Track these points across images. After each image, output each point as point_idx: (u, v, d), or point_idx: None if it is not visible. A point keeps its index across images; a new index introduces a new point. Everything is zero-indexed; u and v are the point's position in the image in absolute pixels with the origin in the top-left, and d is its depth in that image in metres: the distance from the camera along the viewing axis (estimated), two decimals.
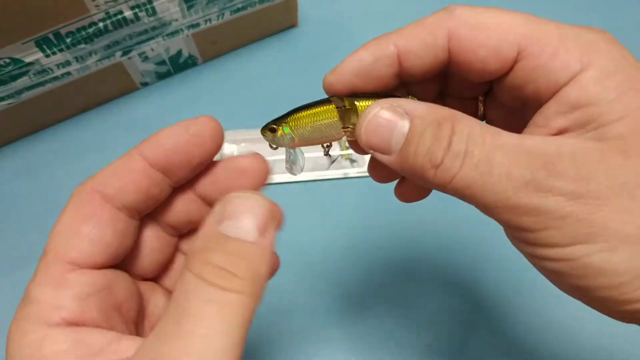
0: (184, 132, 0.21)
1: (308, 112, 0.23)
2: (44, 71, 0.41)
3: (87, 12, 0.38)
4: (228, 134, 0.46)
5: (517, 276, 0.41)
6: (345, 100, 0.23)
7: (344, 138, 0.23)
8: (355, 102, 0.22)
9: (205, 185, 0.24)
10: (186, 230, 0.25)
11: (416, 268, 0.41)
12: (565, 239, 0.18)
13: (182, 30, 0.45)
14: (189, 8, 0.43)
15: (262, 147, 0.50)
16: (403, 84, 0.24)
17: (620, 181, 0.18)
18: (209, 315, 0.17)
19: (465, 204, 0.21)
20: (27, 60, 0.39)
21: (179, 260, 0.26)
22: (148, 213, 0.23)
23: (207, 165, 0.23)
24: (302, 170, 0.24)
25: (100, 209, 0.20)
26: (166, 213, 0.24)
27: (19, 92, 0.42)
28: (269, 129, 0.23)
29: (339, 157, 0.46)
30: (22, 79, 0.40)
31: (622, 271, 0.18)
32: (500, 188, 0.18)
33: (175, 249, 0.25)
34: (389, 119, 0.20)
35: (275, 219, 0.20)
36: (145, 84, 0.50)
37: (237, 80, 0.50)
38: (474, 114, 0.25)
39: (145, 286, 0.24)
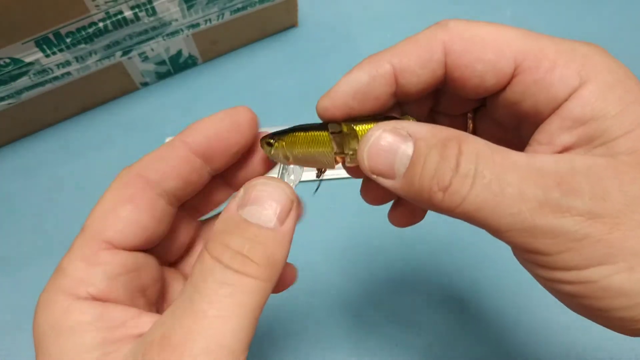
0: (224, 120, 0.22)
1: (304, 135, 0.22)
2: (44, 71, 0.41)
3: (87, 12, 0.38)
4: None
5: (518, 277, 0.41)
6: (342, 125, 0.22)
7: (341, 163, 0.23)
8: (354, 127, 0.22)
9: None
10: (208, 212, 0.26)
11: (417, 268, 0.41)
12: (583, 261, 0.18)
13: (182, 30, 0.45)
14: (189, 8, 0.43)
15: None
16: (397, 104, 0.23)
17: (635, 197, 0.17)
18: (223, 297, 0.17)
19: None
20: (27, 60, 0.39)
21: (199, 246, 0.26)
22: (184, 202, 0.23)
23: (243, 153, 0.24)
24: (293, 185, 0.24)
25: (141, 192, 0.21)
26: (204, 202, 0.25)
27: (19, 92, 0.42)
28: (267, 143, 0.23)
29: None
30: (22, 79, 0.40)
31: None
32: (515, 209, 0.18)
33: (196, 234, 0.26)
34: (392, 142, 0.20)
35: (295, 209, 0.20)
36: (145, 84, 0.50)
37: (237, 80, 0.50)
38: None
39: (167, 271, 0.24)
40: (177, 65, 0.49)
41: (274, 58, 0.51)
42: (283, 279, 0.24)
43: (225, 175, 0.25)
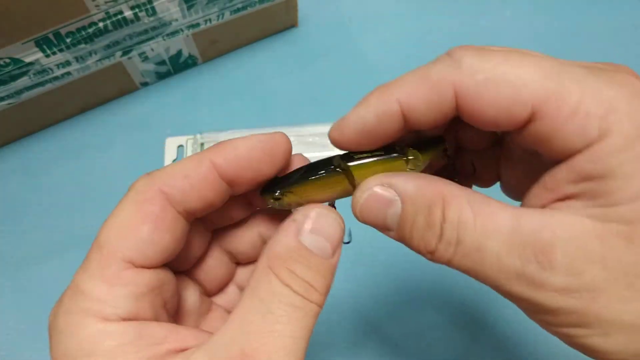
0: (258, 149, 0.21)
1: (316, 182, 0.22)
2: (44, 71, 0.41)
3: (87, 12, 0.38)
4: (228, 134, 0.46)
5: None
6: (342, 163, 0.22)
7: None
8: (349, 164, 0.22)
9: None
10: (224, 225, 0.25)
11: (417, 268, 0.41)
12: (560, 323, 0.18)
13: (182, 30, 0.45)
14: (189, 8, 0.43)
15: None
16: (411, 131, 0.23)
17: (618, 270, 0.17)
18: (295, 320, 0.19)
19: None
20: (27, 60, 0.39)
21: (218, 258, 0.26)
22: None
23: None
24: None
25: (164, 212, 0.20)
26: (218, 216, 0.24)
27: (19, 92, 0.41)
28: (273, 198, 0.22)
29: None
30: (22, 79, 0.40)
31: (618, 352, 0.18)
32: (493, 276, 0.19)
33: (209, 242, 0.25)
34: (381, 201, 0.21)
35: (343, 238, 0.21)
36: (145, 84, 0.50)
37: (237, 80, 0.50)
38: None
39: (178, 279, 0.24)
40: (177, 65, 0.49)
41: (274, 58, 0.51)
42: None
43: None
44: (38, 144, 0.47)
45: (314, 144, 0.46)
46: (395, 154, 0.22)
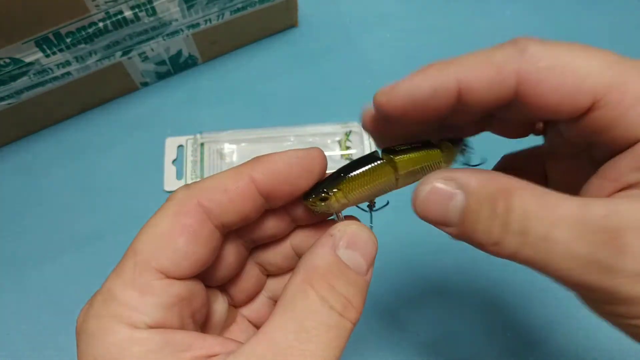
0: (296, 164, 0.21)
1: (363, 174, 0.22)
2: (44, 71, 0.41)
3: (87, 12, 0.38)
4: (228, 134, 0.46)
5: (517, 276, 0.41)
6: (385, 156, 0.22)
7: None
8: (395, 159, 0.22)
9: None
10: (264, 242, 0.25)
11: (417, 267, 0.41)
12: (634, 314, 0.18)
13: (182, 30, 0.45)
14: (189, 8, 0.43)
15: (262, 147, 0.50)
16: (444, 124, 0.23)
17: None
18: (328, 340, 0.19)
19: None
20: (27, 60, 0.39)
21: (249, 269, 0.26)
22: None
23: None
24: None
25: (201, 226, 0.20)
26: (252, 229, 0.24)
27: (19, 92, 0.42)
28: (320, 199, 0.21)
29: (340, 158, 0.46)
30: (22, 79, 0.40)
31: None
32: (563, 266, 0.18)
33: (248, 259, 0.25)
34: (443, 195, 0.20)
35: (375, 257, 0.21)
36: (145, 84, 0.50)
37: (237, 80, 0.50)
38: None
39: (209, 291, 0.24)
40: (177, 65, 0.49)
41: (274, 58, 0.51)
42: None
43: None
44: (38, 144, 0.47)
45: (314, 144, 0.46)
46: (433, 146, 0.23)
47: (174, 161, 0.46)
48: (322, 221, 0.25)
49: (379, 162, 0.22)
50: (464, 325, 0.39)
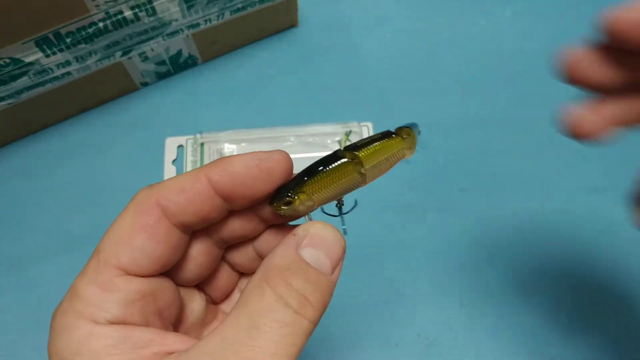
0: (256, 167, 0.21)
1: (326, 174, 0.22)
2: (44, 71, 0.41)
3: (87, 12, 0.38)
4: (228, 134, 0.46)
5: (517, 276, 0.41)
6: (347, 154, 0.22)
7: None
8: (359, 154, 0.22)
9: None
10: (235, 242, 0.25)
11: (416, 268, 0.41)
12: None
13: (182, 30, 0.45)
14: (189, 8, 0.43)
15: (262, 147, 0.50)
16: None
17: None
18: (281, 337, 0.18)
19: (465, 207, 0.20)
20: (27, 60, 0.39)
21: (223, 270, 0.26)
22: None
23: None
24: None
25: (158, 223, 0.21)
26: (220, 229, 0.24)
27: (19, 92, 0.42)
28: (285, 203, 0.21)
29: None
30: (22, 79, 0.40)
31: None
32: None
33: (221, 259, 0.25)
34: None
35: (343, 257, 0.21)
36: (145, 84, 0.50)
37: (237, 80, 0.50)
38: None
39: (184, 291, 0.24)
40: (177, 65, 0.49)
41: (274, 58, 0.51)
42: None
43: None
44: (38, 144, 0.47)
45: (314, 144, 0.46)
46: (393, 135, 0.23)
47: (174, 161, 0.46)
48: (288, 224, 0.25)
49: (341, 160, 0.22)
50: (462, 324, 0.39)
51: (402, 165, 0.45)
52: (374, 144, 0.23)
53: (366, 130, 0.47)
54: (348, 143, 0.46)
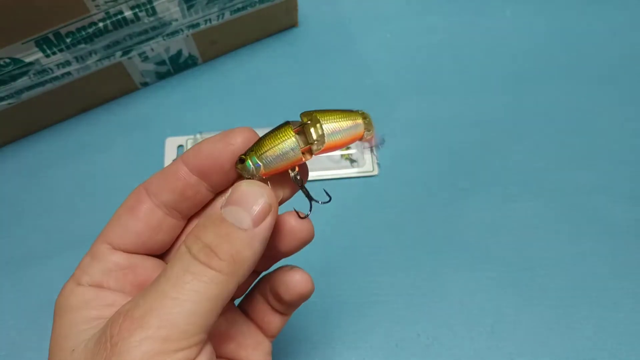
0: (219, 140, 0.24)
1: (269, 136, 0.23)
2: (44, 71, 0.41)
3: (87, 12, 0.38)
4: None
5: (517, 276, 0.41)
6: (303, 117, 0.24)
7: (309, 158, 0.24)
8: (316, 115, 0.24)
9: None
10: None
11: (416, 267, 0.41)
12: None
13: (182, 30, 0.45)
14: (189, 8, 0.43)
15: None
16: None
17: None
18: (183, 283, 0.20)
19: (465, 207, 0.20)
20: (27, 60, 0.39)
21: None
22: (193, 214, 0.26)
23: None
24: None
25: (139, 203, 0.24)
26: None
27: (19, 92, 0.42)
28: (239, 159, 0.23)
29: (339, 158, 0.46)
30: (22, 79, 0.40)
31: None
32: None
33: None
34: None
35: (273, 213, 0.22)
36: (145, 84, 0.50)
37: (237, 80, 0.50)
38: None
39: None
40: (177, 65, 0.49)
41: (274, 58, 0.51)
42: (292, 235, 0.25)
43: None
44: (38, 144, 0.47)
45: None
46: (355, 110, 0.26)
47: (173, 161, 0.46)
48: None
49: (284, 123, 0.24)
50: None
51: (402, 165, 0.46)
52: (327, 114, 0.25)
53: None
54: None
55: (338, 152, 0.46)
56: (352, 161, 0.46)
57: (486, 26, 0.53)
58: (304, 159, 0.24)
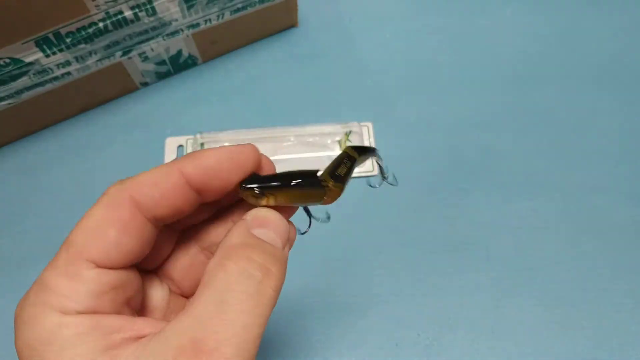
0: (228, 160, 0.22)
1: (301, 191, 0.23)
2: (44, 71, 0.41)
3: (87, 12, 0.38)
4: (228, 134, 0.46)
5: (517, 276, 0.41)
6: (327, 180, 0.23)
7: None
8: (335, 185, 0.24)
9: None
10: (187, 225, 0.26)
11: (416, 267, 0.41)
12: None
13: (182, 30, 0.45)
14: (189, 8, 0.43)
15: (262, 147, 0.50)
16: None
17: None
18: (248, 308, 0.19)
19: (465, 207, 0.20)
20: (27, 60, 0.39)
21: (189, 251, 0.26)
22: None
23: None
24: None
25: (132, 218, 0.21)
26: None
27: (19, 92, 0.42)
28: (253, 195, 0.22)
29: None
30: (22, 79, 0.40)
31: None
32: None
33: (175, 243, 0.26)
34: None
35: (291, 239, 0.23)
36: (145, 84, 0.50)
37: (237, 80, 0.50)
38: None
39: (144, 277, 0.24)
40: (177, 65, 0.49)
41: (274, 58, 0.51)
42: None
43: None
44: (38, 144, 0.47)
45: (314, 144, 0.46)
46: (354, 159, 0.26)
47: None
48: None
49: (318, 187, 0.23)
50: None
51: (402, 165, 0.46)
52: (349, 176, 0.25)
53: (366, 130, 0.47)
54: (348, 143, 0.46)
55: (338, 152, 0.46)
56: None
57: (486, 26, 0.53)
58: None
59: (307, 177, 0.23)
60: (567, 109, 0.48)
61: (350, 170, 0.25)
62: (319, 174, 0.23)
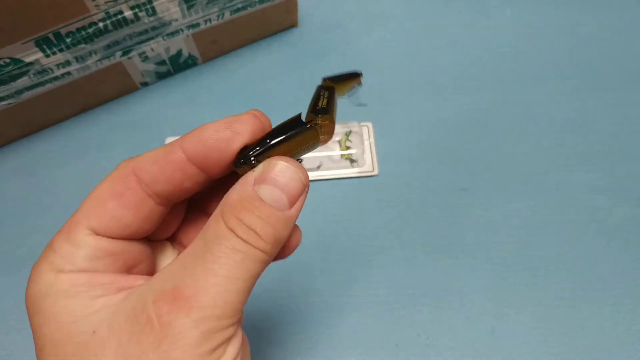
0: (226, 129, 0.21)
1: (291, 141, 0.22)
2: (44, 71, 0.41)
3: (87, 12, 0.38)
4: None
5: (517, 276, 0.41)
6: (310, 118, 0.22)
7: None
8: (321, 119, 0.23)
9: None
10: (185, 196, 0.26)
11: (416, 267, 0.41)
12: None
13: (182, 30, 0.45)
14: (189, 8, 0.43)
15: None
16: None
17: None
18: (233, 262, 0.20)
19: (465, 207, 0.20)
20: (27, 60, 0.39)
21: (189, 218, 0.26)
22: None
23: None
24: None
25: (130, 191, 0.22)
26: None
27: (19, 92, 0.42)
28: (250, 165, 0.21)
29: (340, 158, 0.46)
30: (22, 79, 0.40)
31: None
32: None
33: (185, 211, 0.26)
34: None
35: (305, 195, 0.21)
36: (145, 84, 0.50)
37: (237, 80, 0.50)
38: None
39: (155, 245, 0.25)
40: (177, 65, 0.49)
41: (274, 58, 0.51)
42: (288, 244, 0.24)
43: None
44: (38, 144, 0.47)
45: None
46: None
47: None
48: None
49: (308, 129, 0.22)
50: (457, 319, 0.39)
51: (402, 165, 0.46)
52: (332, 105, 0.23)
53: (366, 130, 0.47)
54: (349, 143, 0.46)
55: (338, 152, 0.46)
56: (352, 161, 0.46)
57: (486, 26, 0.53)
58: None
59: (292, 125, 0.22)
60: (567, 109, 0.48)
61: (331, 99, 0.24)
62: (303, 117, 0.22)
